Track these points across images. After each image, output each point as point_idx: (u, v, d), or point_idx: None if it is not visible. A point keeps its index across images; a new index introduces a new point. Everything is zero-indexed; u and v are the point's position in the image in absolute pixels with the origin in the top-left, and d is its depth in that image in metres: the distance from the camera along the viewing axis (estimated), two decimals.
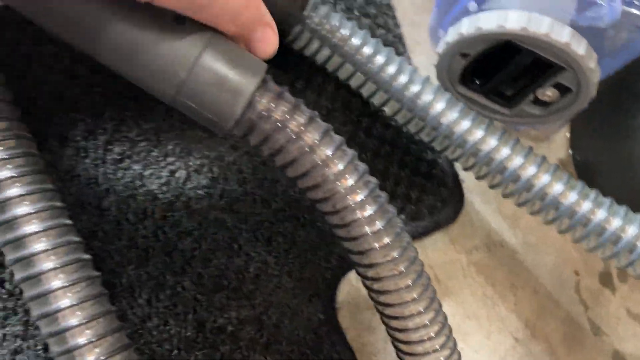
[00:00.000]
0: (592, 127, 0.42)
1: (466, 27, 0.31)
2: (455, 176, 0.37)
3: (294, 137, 0.21)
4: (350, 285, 0.35)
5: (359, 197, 0.24)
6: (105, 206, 0.29)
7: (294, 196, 0.33)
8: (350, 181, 0.23)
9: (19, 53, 0.29)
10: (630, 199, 0.34)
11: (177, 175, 0.30)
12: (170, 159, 0.30)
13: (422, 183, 0.36)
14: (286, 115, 0.21)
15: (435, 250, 0.38)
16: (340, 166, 0.23)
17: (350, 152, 0.24)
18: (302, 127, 0.22)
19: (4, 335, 0.26)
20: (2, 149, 0.23)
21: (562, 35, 0.29)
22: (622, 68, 0.37)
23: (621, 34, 0.30)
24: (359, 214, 0.24)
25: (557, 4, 0.30)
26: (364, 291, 0.35)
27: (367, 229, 0.24)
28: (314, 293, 0.32)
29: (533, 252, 0.41)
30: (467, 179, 0.39)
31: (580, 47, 0.29)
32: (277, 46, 0.22)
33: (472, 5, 0.31)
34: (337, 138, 0.23)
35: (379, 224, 0.24)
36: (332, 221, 0.25)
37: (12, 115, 0.24)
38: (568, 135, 0.44)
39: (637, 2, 0.29)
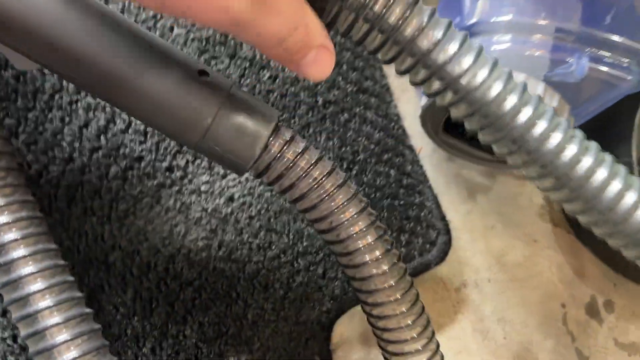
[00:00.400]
0: None
1: None
2: (443, 217, 0.39)
3: (304, 175, 0.24)
4: (344, 326, 0.36)
5: (361, 227, 0.26)
6: (111, 261, 0.31)
7: (289, 243, 0.35)
8: (353, 213, 0.26)
9: (29, 120, 0.31)
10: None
11: (177, 229, 0.32)
12: (170, 214, 0.32)
13: (412, 226, 0.38)
14: (297, 156, 0.24)
15: (425, 289, 0.39)
16: (344, 200, 0.25)
17: (354, 187, 0.26)
18: (310, 166, 0.24)
19: None
20: (7, 213, 0.25)
21: (536, 89, 0.31)
22: (604, 111, 0.40)
23: (593, 85, 0.32)
24: (360, 244, 0.26)
25: (532, 63, 0.32)
26: (357, 331, 0.36)
27: (367, 257, 0.27)
28: (309, 336, 0.34)
29: (520, 287, 0.42)
30: (454, 218, 0.41)
31: (553, 101, 0.31)
32: (332, 67, 0.21)
33: None
34: (342, 174, 0.26)
35: (378, 253, 0.27)
36: (336, 250, 0.27)
37: (18, 182, 0.26)
38: None
39: (605, 60, 0.31)
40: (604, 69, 0.31)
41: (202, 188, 0.33)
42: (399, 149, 0.39)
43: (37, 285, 0.24)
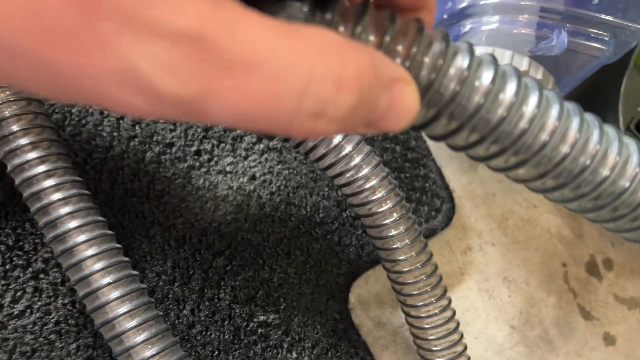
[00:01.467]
0: None
1: None
2: (447, 187, 0.43)
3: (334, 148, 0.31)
4: (361, 288, 0.40)
5: (382, 193, 0.32)
6: (151, 235, 0.35)
7: (306, 215, 0.39)
8: (375, 180, 0.32)
9: (73, 114, 0.35)
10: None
11: (207, 205, 0.36)
12: (200, 192, 0.36)
13: (418, 196, 0.42)
14: None
15: (434, 254, 0.43)
16: (369, 170, 0.32)
17: (377, 158, 0.33)
18: (342, 140, 0.31)
19: (78, 346, 0.32)
20: (62, 191, 0.29)
21: (522, 64, 0.34)
22: (592, 80, 0.43)
23: (574, 57, 0.36)
24: (382, 208, 0.33)
25: (518, 40, 0.35)
26: (372, 292, 0.40)
27: (387, 220, 0.33)
28: (329, 297, 0.38)
29: (522, 248, 0.46)
30: (457, 188, 0.44)
31: (538, 73, 0.35)
32: (418, 103, 0.14)
33: None
34: (367, 147, 0.32)
35: (396, 215, 0.33)
36: (360, 212, 0.33)
37: (67, 165, 0.30)
38: None
39: (584, 34, 0.35)
40: (583, 42, 0.34)
41: (227, 169, 0.37)
42: None
43: (98, 264, 0.29)
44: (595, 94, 0.44)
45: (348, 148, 0.32)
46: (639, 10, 0.35)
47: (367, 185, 0.33)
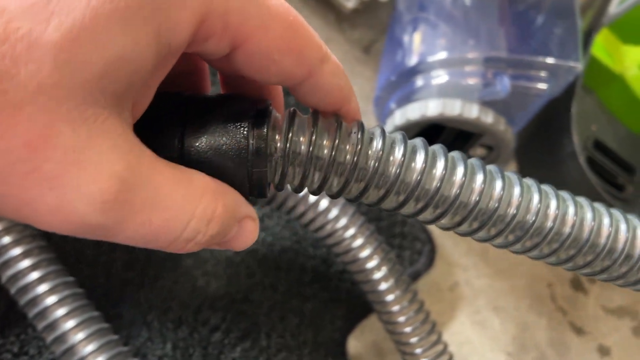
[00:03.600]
0: (533, 159, 0.50)
1: (398, 118, 0.40)
2: (425, 229, 0.45)
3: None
4: (357, 340, 0.42)
5: (369, 249, 0.36)
6: (149, 320, 0.36)
7: (296, 277, 0.40)
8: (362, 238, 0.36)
9: None
10: None
11: (199, 283, 0.38)
12: (191, 271, 0.38)
13: (399, 242, 0.44)
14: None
15: (423, 294, 0.45)
16: (355, 229, 0.35)
17: (361, 217, 0.36)
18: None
19: None
20: (56, 294, 0.31)
21: (472, 112, 0.37)
22: (545, 109, 0.46)
23: (519, 98, 0.38)
24: (370, 263, 0.36)
25: (467, 89, 0.38)
26: (369, 342, 0.42)
27: (377, 274, 0.36)
28: (327, 353, 0.39)
29: (507, 276, 0.48)
30: (434, 229, 0.46)
31: (488, 118, 0.37)
32: (257, 233, 0.20)
33: (390, 107, 0.40)
34: (352, 208, 0.36)
35: (385, 269, 0.36)
36: (351, 268, 0.37)
37: (58, 268, 0.32)
38: (515, 168, 0.52)
39: (525, 75, 0.38)
40: (525, 83, 0.37)
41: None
42: None
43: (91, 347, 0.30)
44: (550, 121, 0.47)
45: (326, 205, 0.35)
46: (572, 49, 0.38)
47: (347, 234, 0.36)
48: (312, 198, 0.36)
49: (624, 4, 0.48)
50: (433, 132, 0.41)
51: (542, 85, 0.37)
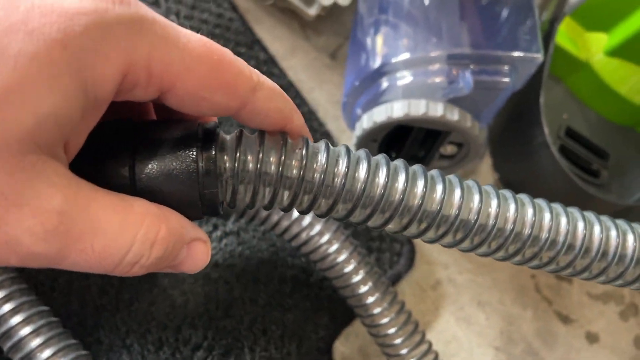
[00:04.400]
0: (506, 152, 0.50)
1: (365, 121, 0.39)
2: None
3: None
4: (342, 347, 0.41)
5: (346, 254, 0.36)
6: (129, 344, 0.36)
7: (275, 288, 0.40)
8: (338, 243, 0.36)
9: None
10: None
11: (177, 302, 0.38)
12: (168, 291, 0.38)
13: (377, 245, 0.44)
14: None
15: (406, 295, 0.45)
16: (331, 235, 0.36)
17: (337, 223, 0.36)
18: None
19: None
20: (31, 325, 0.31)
21: (437, 111, 0.37)
22: (516, 102, 0.46)
23: (483, 93, 0.38)
24: (348, 268, 0.36)
25: (432, 88, 0.38)
26: (354, 348, 0.42)
27: (355, 278, 0.36)
28: None
29: (489, 270, 0.48)
30: None
31: (453, 115, 0.37)
32: (209, 256, 0.20)
33: (358, 111, 0.40)
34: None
35: (363, 272, 0.36)
36: (329, 275, 0.36)
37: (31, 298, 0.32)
38: (491, 162, 0.52)
39: (487, 70, 0.38)
40: (487, 78, 0.37)
41: None
42: None
43: None
44: (520, 113, 0.47)
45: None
46: (532, 40, 0.38)
47: (322, 240, 0.36)
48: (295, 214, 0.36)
49: None
50: (403, 133, 0.41)
51: (505, 79, 0.37)
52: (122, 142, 0.19)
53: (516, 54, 0.37)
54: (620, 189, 0.50)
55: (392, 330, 0.36)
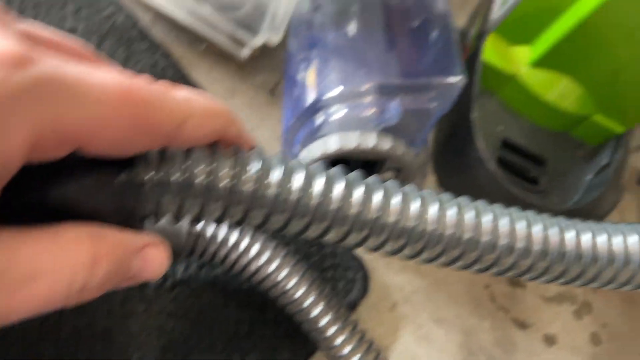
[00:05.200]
0: (448, 168, 0.52)
1: (304, 157, 0.40)
2: (354, 257, 0.46)
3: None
4: None
5: (303, 289, 0.37)
6: None
7: (233, 331, 0.40)
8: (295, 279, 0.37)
9: None
10: None
11: (133, 358, 0.37)
12: (123, 347, 0.38)
13: (331, 275, 0.44)
14: None
15: (363, 320, 0.45)
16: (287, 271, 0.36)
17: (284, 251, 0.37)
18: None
19: None
20: None
21: (368, 142, 0.38)
22: (451, 120, 0.48)
23: (413, 118, 0.40)
24: (306, 303, 0.37)
25: (365, 120, 0.39)
26: None
27: (313, 312, 0.37)
28: None
29: (443, 286, 0.49)
30: (364, 254, 0.47)
31: (385, 144, 0.39)
32: (168, 259, 0.20)
33: (297, 148, 0.41)
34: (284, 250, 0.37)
35: (322, 306, 0.37)
36: (290, 309, 0.37)
37: None
38: (435, 178, 0.54)
39: (413, 97, 0.39)
40: (414, 105, 0.39)
41: (142, 316, 0.39)
42: None
43: None
44: (455, 131, 0.49)
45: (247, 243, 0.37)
46: (452, 64, 0.40)
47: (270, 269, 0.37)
48: (232, 240, 0.36)
49: (504, 7, 0.51)
50: (346, 164, 0.42)
51: (432, 104, 0.39)
52: (34, 179, 0.18)
53: (437, 80, 0.39)
54: (560, 193, 0.52)
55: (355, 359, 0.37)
